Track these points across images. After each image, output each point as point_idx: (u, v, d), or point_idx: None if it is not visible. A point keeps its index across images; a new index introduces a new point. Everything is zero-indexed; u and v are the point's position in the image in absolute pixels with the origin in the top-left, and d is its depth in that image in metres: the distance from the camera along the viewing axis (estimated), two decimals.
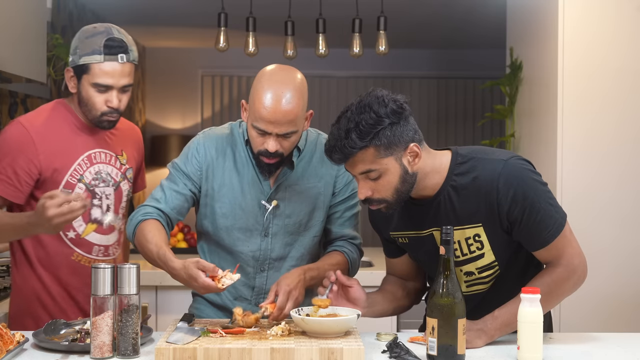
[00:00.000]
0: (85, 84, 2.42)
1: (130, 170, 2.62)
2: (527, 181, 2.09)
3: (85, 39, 2.41)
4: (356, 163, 2.07)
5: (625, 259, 3.70)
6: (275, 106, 2.20)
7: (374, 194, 2.10)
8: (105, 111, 2.43)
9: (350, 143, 2.03)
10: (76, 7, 5.13)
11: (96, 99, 2.42)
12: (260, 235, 2.40)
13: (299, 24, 4.66)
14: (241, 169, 2.39)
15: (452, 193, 2.14)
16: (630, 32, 3.69)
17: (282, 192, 2.39)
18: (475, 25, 6.04)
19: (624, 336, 2.33)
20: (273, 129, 2.22)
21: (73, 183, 2.46)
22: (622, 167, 3.70)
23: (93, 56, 2.39)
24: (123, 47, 2.43)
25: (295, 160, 2.39)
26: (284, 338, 2.05)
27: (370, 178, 2.09)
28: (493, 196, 2.09)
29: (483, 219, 2.13)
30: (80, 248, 2.49)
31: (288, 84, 2.24)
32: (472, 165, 2.13)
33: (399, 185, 2.09)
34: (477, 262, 2.18)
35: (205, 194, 2.40)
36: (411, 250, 2.31)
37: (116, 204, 2.56)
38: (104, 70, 2.39)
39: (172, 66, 7.43)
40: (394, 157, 2.07)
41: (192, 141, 2.44)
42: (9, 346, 1.99)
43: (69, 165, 2.46)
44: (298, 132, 2.28)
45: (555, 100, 3.72)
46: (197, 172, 2.39)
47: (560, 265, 2.14)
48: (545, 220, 2.10)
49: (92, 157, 2.51)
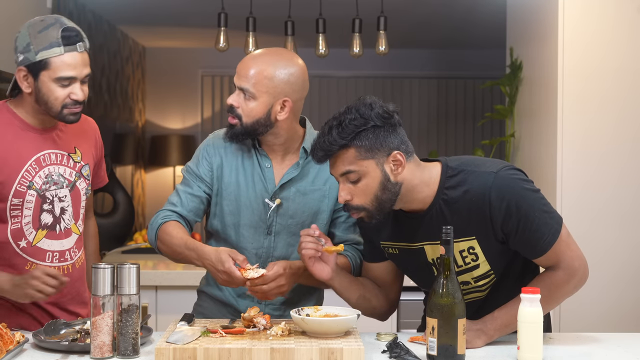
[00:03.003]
0: (44, 80, 2.27)
1: (86, 167, 2.48)
2: (519, 192, 2.07)
3: (38, 34, 2.26)
4: (337, 163, 2.08)
5: (625, 259, 3.70)
6: (245, 59, 2.34)
7: (354, 199, 2.09)
8: (67, 103, 2.29)
9: (331, 139, 2.05)
10: (76, 7, 5.13)
11: (58, 93, 2.28)
12: (263, 233, 2.42)
13: (299, 24, 4.66)
14: (248, 168, 2.42)
15: (444, 207, 2.12)
16: (630, 32, 3.69)
17: (287, 192, 2.41)
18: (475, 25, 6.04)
19: (624, 336, 2.33)
20: (237, 80, 2.34)
21: (23, 191, 2.32)
22: (621, 167, 3.70)
23: (52, 49, 2.25)
24: (79, 35, 2.30)
25: (302, 161, 2.41)
26: (284, 338, 2.05)
27: (350, 180, 2.08)
28: (485, 209, 2.07)
29: (476, 231, 2.12)
30: (33, 257, 2.37)
31: (272, 51, 2.37)
32: (463, 178, 2.11)
33: (379, 192, 2.08)
34: (473, 273, 2.17)
35: (216, 193, 2.44)
36: (400, 262, 2.29)
37: (74, 205, 2.43)
38: (66, 62, 2.26)
39: (172, 66, 7.43)
40: (375, 160, 2.06)
41: (202, 143, 2.49)
42: (9, 346, 1.99)
43: (16, 173, 2.31)
44: (257, 100, 2.32)
45: (555, 100, 3.72)
46: (208, 173, 2.43)
47: (560, 269, 2.13)
48: (541, 228, 2.08)
49: (40, 160, 2.36)
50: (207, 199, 2.44)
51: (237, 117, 2.35)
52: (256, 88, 2.31)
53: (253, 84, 2.31)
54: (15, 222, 2.33)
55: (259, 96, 2.32)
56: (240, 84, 2.33)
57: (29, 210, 2.34)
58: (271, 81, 2.31)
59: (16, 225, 2.34)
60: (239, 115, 2.34)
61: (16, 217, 2.33)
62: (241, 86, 2.33)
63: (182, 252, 2.32)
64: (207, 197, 2.44)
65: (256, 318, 2.13)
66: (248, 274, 2.18)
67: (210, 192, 2.44)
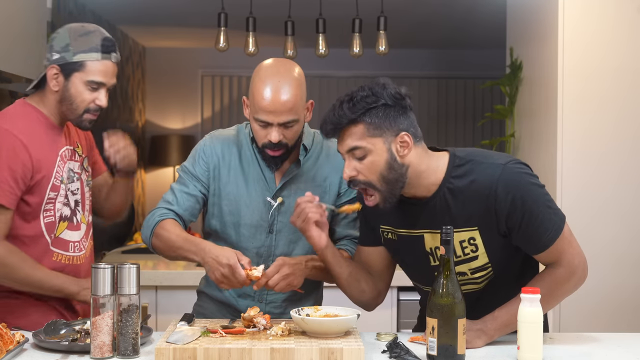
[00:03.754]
0: (75, 81, 2.40)
1: (86, 160, 2.60)
2: (525, 186, 2.09)
3: (79, 37, 2.40)
4: (344, 138, 2.10)
5: (625, 258, 3.70)
6: (275, 96, 2.26)
7: (359, 175, 2.11)
8: (90, 108, 2.42)
9: (341, 113, 2.07)
10: (76, 7, 5.13)
11: (85, 95, 2.40)
12: (265, 232, 2.41)
13: (299, 24, 4.66)
14: (247, 167, 2.42)
15: (449, 195, 2.13)
16: (630, 32, 3.69)
17: (288, 190, 2.41)
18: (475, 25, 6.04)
19: (624, 336, 2.33)
20: (274, 118, 2.27)
21: (57, 185, 2.44)
22: (621, 167, 3.70)
23: (91, 53, 2.39)
24: (115, 47, 2.45)
25: (302, 159, 2.42)
26: (284, 338, 2.05)
27: (356, 157, 2.10)
28: (491, 201, 2.08)
29: (479, 222, 2.12)
30: (59, 247, 2.47)
31: (285, 75, 2.30)
32: (470, 169, 2.12)
33: (385, 171, 2.09)
34: (471, 264, 2.17)
35: (214, 193, 2.44)
36: (396, 248, 2.28)
37: (82, 197, 2.55)
38: (99, 68, 2.40)
39: (172, 66, 7.43)
40: (382, 139, 2.08)
41: (199, 143, 2.49)
42: (9, 346, 1.99)
43: (52, 168, 2.44)
44: (300, 121, 2.32)
45: (555, 100, 3.72)
46: (205, 173, 2.43)
47: (560, 266, 2.14)
48: (544, 223, 2.09)
49: (63, 156, 2.49)
50: (203, 199, 2.44)
51: (284, 146, 2.33)
52: (296, 113, 2.30)
53: (294, 112, 2.29)
54: (48, 215, 2.44)
55: (300, 117, 2.32)
56: (282, 120, 2.28)
57: (60, 203, 2.46)
58: (302, 98, 2.32)
59: (49, 219, 2.44)
60: (285, 145, 2.32)
61: (49, 211, 2.44)
62: (283, 121, 2.28)
63: (180, 246, 2.31)
64: (203, 197, 2.44)
65: (256, 318, 2.13)
66: (252, 273, 2.20)
67: (206, 192, 2.44)
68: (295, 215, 2.24)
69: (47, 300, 2.47)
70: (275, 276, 2.24)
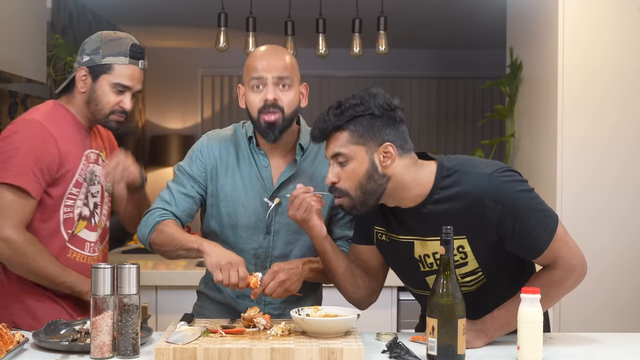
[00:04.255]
0: (103, 83, 2.48)
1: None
2: (513, 194, 2.07)
3: (110, 42, 2.49)
4: (330, 144, 2.13)
5: (625, 258, 3.70)
6: (269, 53, 2.34)
7: (340, 182, 2.12)
8: (115, 110, 2.50)
9: (328, 119, 2.11)
10: (76, 7, 5.14)
11: (110, 97, 2.49)
12: (262, 233, 2.41)
13: (299, 24, 4.66)
14: (244, 168, 2.41)
15: (436, 206, 2.12)
16: (630, 32, 3.70)
17: (285, 190, 2.40)
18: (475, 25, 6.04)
19: (624, 336, 2.33)
20: (268, 72, 2.31)
21: (80, 182, 2.51)
22: (621, 167, 3.70)
23: (119, 57, 2.48)
24: (143, 54, 2.54)
25: (299, 158, 2.40)
26: (284, 338, 2.05)
27: (338, 162, 2.12)
28: (478, 210, 2.07)
29: (467, 231, 2.11)
30: (75, 245, 2.52)
31: (278, 47, 2.41)
32: (457, 179, 2.11)
33: (364, 181, 2.09)
34: (461, 269, 2.17)
35: (212, 194, 2.43)
36: (388, 251, 2.28)
37: (102, 201, 2.60)
38: (126, 72, 2.49)
39: (172, 66, 7.43)
40: (365, 147, 2.09)
41: (196, 143, 2.49)
42: (9, 346, 1.99)
43: (77, 164, 2.51)
44: (294, 88, 2.34)
45: (555, 100, 3.72)
46: (202, 174, 2.43)
47: (558, 267, 2.13)
48: (537, 228, 2.08)
49: (88, 158, 2.56)
50: (200, 200, 2.44)
51: (280, 110, 2.32)
52: (290, 73, 2.34)
53: (288, 70, 2.33)
54: (67, 211, 2.49)
55: (294, 84, 2.35)
56: (279, 74, 2.32)
57: (81, 201, 2.52)
58: (295, 68, 2.37)
59: (68, 215, 2.49)
60: (281, 108, 2.33)
61: (69, 207, 2.49)
62: (280, 75, 2.32)
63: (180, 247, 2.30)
64: (201, 197, 2.44)
65: (256, 318, 2.13)
66: (251, 279, 2.21)
67: (203, 193, 2.44)
68: (294, 208, 2.23)
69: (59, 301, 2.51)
70: (271, 284, 2.23)
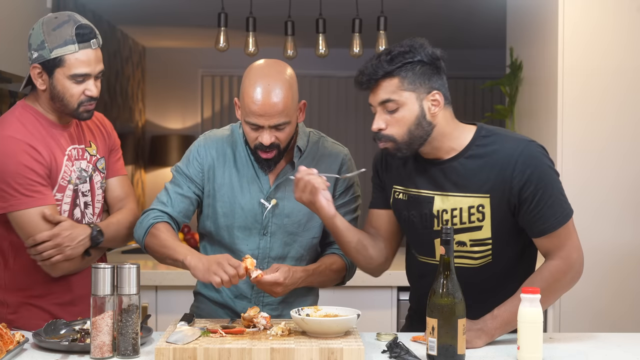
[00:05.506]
0: (59, 77, 2.30)
1: (101, 161, 2.52)
2: (544, 166, 2.15)
3: (52, 31, 2.29)
4: (378, 90, 2.15)
5: (625, 258, 3.70)
6: (265, 99, 2.24)
7: (387, 127, 2.15)
8: (82, 100, 2.33)
9: (378, 65, 2.13)
10: (76, 7, 5.14)
11: (73, 90, 2.31)
12: (259, 234, 2.40)
13: (299, 24, 4.66)
14: (241, 168, 2.40)
15: (468, 160, 2.18)
16: (630, 32, 3.70)
17: (282, 192, 2.40)
18: (475, 25, 6.04)
19: (624, 336, 2.33)
20: (265, 121, 2.26)
21: (64, 186, 2.40)
22: (621, 166, 3.71)
23: (66, 47, 2.28)
24: (92, 32, 2.33)
25: (297, 160, 2.40)
26: (284, 338, 2.05)
27: (388, 110, 2.14)
28: (509, 171, 2.13)
29: (492, 190, 2.16)
30: None
31: (275, 77, 2.28)
32: (495, 140, 2.19)
33: (413, 127, 2.14)
34: (473, 234, 2.19)
35: (208, 194, 2.42)
36: (404, 209, 2.30)
37: (92, 198, 2.49)
38: (80, 59, 2.29)
39: (172, 66, 7.43)
40: (415, 94, 2.14)
41: (193, 144, 2.48)
42: (9, 346, 1.99)
43: (60, 168, 2.39)
44: (291, 123, 2.30)
45: (555, 100, 3.73)
46: (199, 174, 2.42)
47: (558, 257, 2.16)
48: (555, 206, 2.14)
49: (71, 156, 2.42)
50: (197, 201, 2.43)
51: (276, 147, 2.31)
52: (288, 115, 2.27)
53: (285, 114, 2.27)
54: None
55: (292, 119, 2.30)
56: (273, 123, 2.26)
57: (67, 205, 2.41)
58: (293, 100, 2.29)
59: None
60: (277, 146, 2.30)
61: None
62: (274, 124, 2.26)
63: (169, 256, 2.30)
64: (197, 198, 2.43)
65: (256, 318, 2.13)
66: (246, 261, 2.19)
67: (200, 194, 2.43)
68: (300, 190, 2.22)
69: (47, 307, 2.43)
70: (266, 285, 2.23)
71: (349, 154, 2.49)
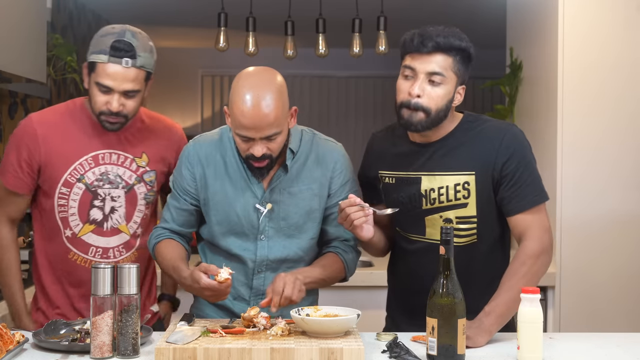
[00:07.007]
0: (91, 81, 2.37)
1: (151, 173, 2.53)
2: (526, 148, 2.28)
3: (99, 37, 2.37)
4: (432, 59, 2.22)
5: (624, 258, 3.70)
6: (254, 112, 2.17)
7: (424, 97, 2.21)
8: (104, 111, 2.37)
9: (454, 34, 2.24)
10: (76, 7, 5.14)
11: (97, 97, 2.36)
12: (256, 239, 2.39)
13: (299, 24, 4.66)
14: (232, 174, 2.37)
15: (455, 140, 2.28)
16: (630, 33, 3.70)
17: (277, 195, 2.37)
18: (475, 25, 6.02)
19: (624, 336, 2.33)
20: (255, 134, 2.20)
21: (72, 182, 2.44)
22: (621, 167, 3.71)
23: (99, 55, 2.34)
24: (130, 51, 2.34)
25: (289, 163, 2.36)
26: (284, 338, 2.05)
27: (432, 81, 2.22)
28: (495, 145, 2.24)
29: (478, 166, 2.25)
30: (76, 247, 2.49)
31: (263, 87, 2.20)
32: (481, 122, 2.32)
33: (441, 107, 2.23)
34: (458, 211, 2.27)
35: (204, 202, 2.40)
36: (393, 192, 2.37)
37: (127, 207, 2.50)
38: (106, 71, 2.33)
39: (172, 66, 7.43)
40: (456, 80, 2.26)
41: (183, 152, 2.44)
42: (9, 346, 1.99)
43: (69, 164, 2.44)
44: (283, 132, 2.25)
45: (555, 100, 3.73)
46: (192, 184, 2.40)
47: (531, 239, 2.22)
48: (534, 184, 2.25)
49: (98, 158, 2.46)
50: (195, 210, 2.42)
51: (268, 157, 2.26)
52: (279, 125, 2.21)
53: (276, 125, 2.21)
54: (62, 210, 2.47)
55: (283, 128, 2.25)
56: (265, 134, 2.20)
57: (75, 202, 2.46)
58: (283, 110, 2.22)
59: (63, 214, 2.47)
60: (269, 156, 2.26)
61: (63, 207, 2.47)
62: (265, 136, 2.20)
63: (170, 275, 2.36)
64: (195, 207, 2.41)
65: (256, 318, 2.13)
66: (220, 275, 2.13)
67: (197, 203, 2.40)
68: (342, 219, 2.26)
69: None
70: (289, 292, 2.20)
71: (342, 150, 2.47)
